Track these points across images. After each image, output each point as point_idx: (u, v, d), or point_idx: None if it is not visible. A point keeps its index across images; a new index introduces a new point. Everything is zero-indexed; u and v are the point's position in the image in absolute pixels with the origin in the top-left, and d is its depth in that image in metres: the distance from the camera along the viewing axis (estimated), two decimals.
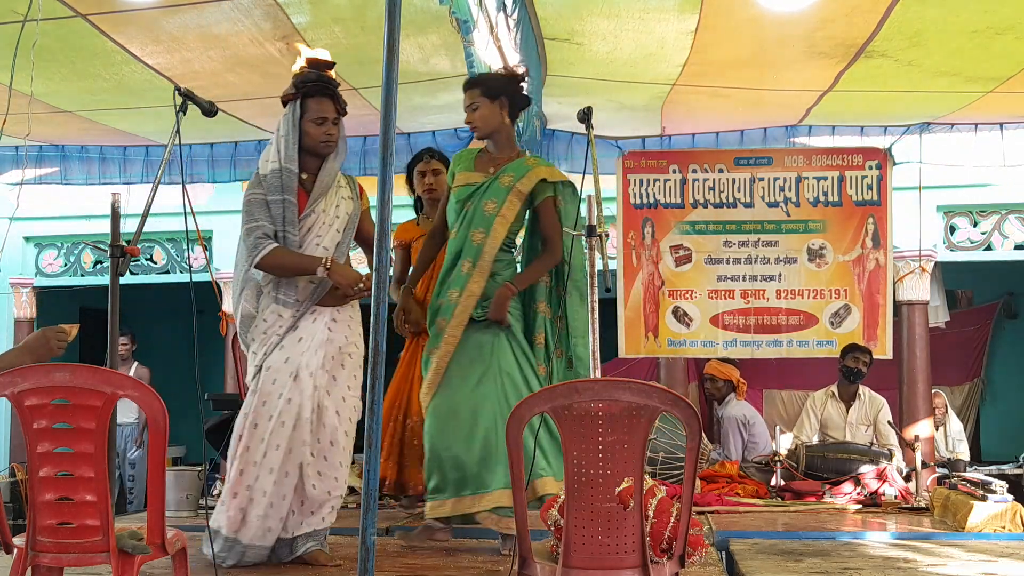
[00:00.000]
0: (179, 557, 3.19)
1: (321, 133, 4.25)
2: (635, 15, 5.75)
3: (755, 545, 4.72)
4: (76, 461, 2.93)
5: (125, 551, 2.93)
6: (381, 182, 3.04)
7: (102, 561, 2.96)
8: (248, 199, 4.28)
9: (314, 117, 4.24)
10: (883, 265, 7.74)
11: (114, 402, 2.92)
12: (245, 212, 4.26)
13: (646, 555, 2.82)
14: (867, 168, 7.80)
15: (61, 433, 2.94)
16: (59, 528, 2.94)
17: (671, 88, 6.91)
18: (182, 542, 3.20)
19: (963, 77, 6.63)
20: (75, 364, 3.01)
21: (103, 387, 2.90)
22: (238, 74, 6.43)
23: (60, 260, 10.17)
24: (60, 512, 2.95)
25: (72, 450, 2.93)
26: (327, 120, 4.25)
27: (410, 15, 5.38)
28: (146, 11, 5.57)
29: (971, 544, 4.86)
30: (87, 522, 2.93)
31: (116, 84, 6.59)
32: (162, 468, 3.02)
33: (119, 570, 2.93)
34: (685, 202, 7.88)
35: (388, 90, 3.01)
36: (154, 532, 3.00)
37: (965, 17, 5.69)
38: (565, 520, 2.85)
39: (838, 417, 7.46)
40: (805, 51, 6.23)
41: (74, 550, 2.95)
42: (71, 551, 2.96)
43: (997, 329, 11.38)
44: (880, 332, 7.76)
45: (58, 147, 8.33)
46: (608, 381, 3.01)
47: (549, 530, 3.06)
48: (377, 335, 2.86)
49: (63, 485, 2.95)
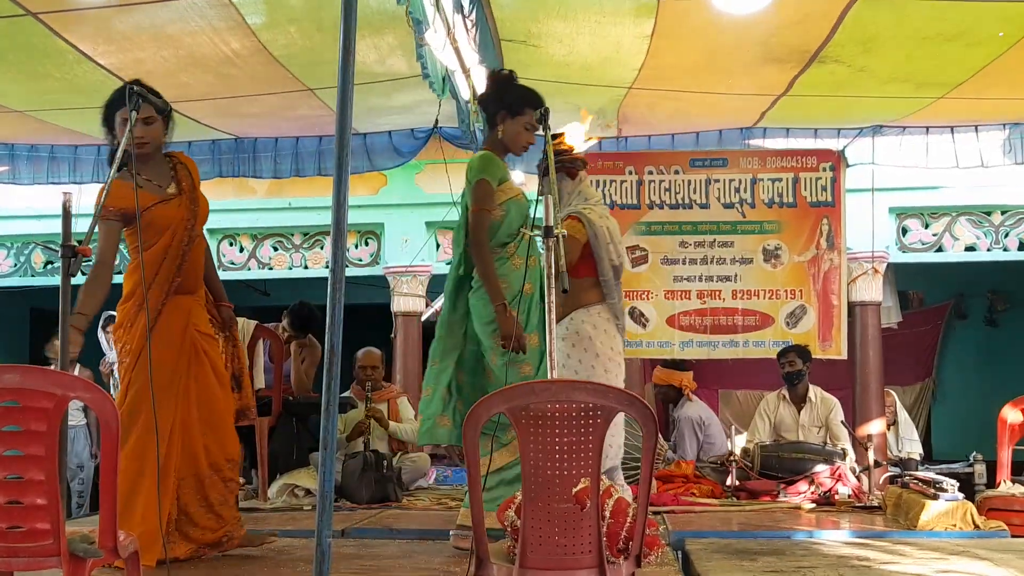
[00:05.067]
0: (131, 561, 3.16)
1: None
2: (591, 19, 5.77)
3: (711, 545, 4.75)
4: (26, 464, 2.88)
5: (76, 555, 2.89)
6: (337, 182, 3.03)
7: (53, 565, 2.91)
8: None
9: None
10: (837, 266, 7.84)
11: (65, 404, 2.88)
12: None
13: (602, 555, 2.83)
14: (821, 170, 7.90)
15: (10, 436, 2.89)
16: (8, 532, 2.90)
17: (627, 91, 6.94)
18: (135, 545, 3.16)
19: (915, 83, 6.73)
20: (25, 366, 2.96)
21: (54, 389, 2.86)
22: (192, 74, 6.37)
23: (10, 260, 10.00)
24: (10, 516, 2.90)
25: (22, 452, 2.88)
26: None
27: (366, 16, 5.36)
28: (98, 10, 5.49)
29: (923, 542, 4.92)
30: (37, 525, 2.88)
31: (68, 84, 6.49)
32: (115, 470, 2.98)
33: (70, 574, 2.89)
34: (641, 203, 7.93)
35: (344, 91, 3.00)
36: (106, 535, 2.96)
37: (916, 24, 5.77)
38: (522, 520, 2.85)
39: (790, 419, 7.52)
40: (760, 56, 6.29)
41: (24, 554, 2.90)
42: (21, 555, 2.91)
43: (948, 329, 11.55)
44: (835, 332, 7.86)
45: (7, 146, 8.20)
46: (565, 382, 3.02)
47: (505, 530, 3.06)
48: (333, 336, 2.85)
49: (12, 488, 2.90)
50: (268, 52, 6.02)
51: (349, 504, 6.33)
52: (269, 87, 6.62)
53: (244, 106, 7.13)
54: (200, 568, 4.21)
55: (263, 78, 6.40)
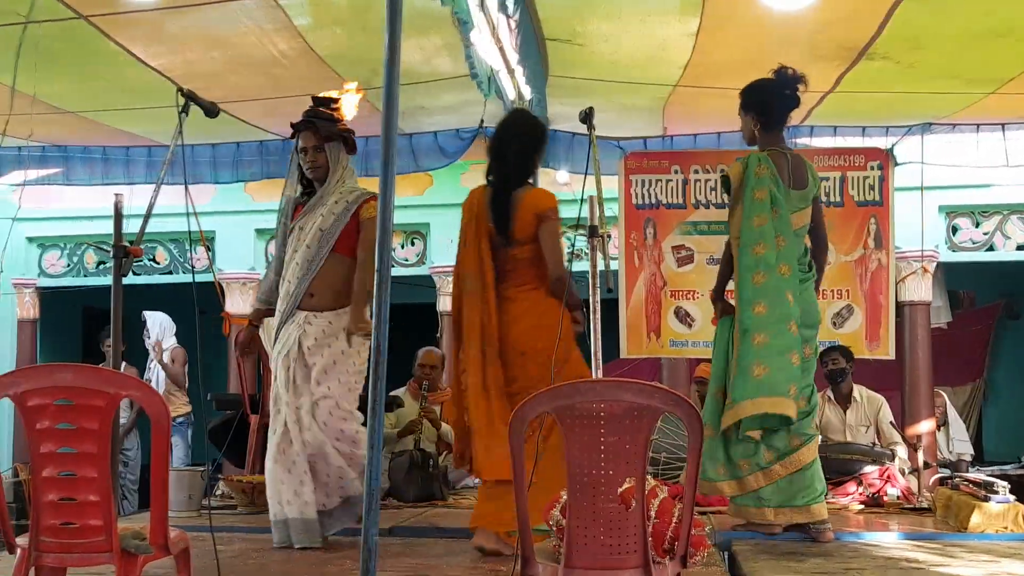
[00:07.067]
0: (182, 557, 3.20)
1: (304, 161, 4.83)
2: (636, 17, 5.76)
3: (757, 545, 4.71)
4: (79, 461, 2.93)
5: (128, 551, 2.94)
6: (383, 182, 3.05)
7: (105, 561, 2.96)
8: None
9: (299, 149, 4.86)
10: (885, 266, 7.73)
11: (117, 402, 2.93)
12: None
13: (648, 555, 2.83)
14: (869, 168, 7.79)
15: (64, 433, 2.94)
16: (62, 528, 2.95)
17: (673, 89, 6.92)
18: (185, 542, 3.20)
19: (964, 79, 6.64)
20: (78, 364, 3.01)
21: (106, 387, 2.90)
22: (240, 75, 6.45)
23: (63, 261, 10.18)
24: (63, 512, 2.95)
25: (75, 450, 2.93)
26: (308, 149, 4.81)
27: (411, 16, 5.38)
28: (148, 12, 5.57)
29: (974, 544, 4.85)
30: (90, 522, 2.93)
31: (119, 85, 6.60)
32: (165, 468, 3.02)
33: (122, 570, 2.93)
34: (687, 202, 7.88)
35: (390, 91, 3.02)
36: (157, 532, 3.01)
37: (965, 20, 5.70)
38: (567, 520, 2.85)
39: (836, 420, 7.44)
40: (807, 53, 6.24)
41: (77, 550, 2.95)
42: (74, 551, 2.96)
43: (999, 330, 11.36)
44: (883, 332, 7.75)
45: (61, 148, 8.35)
46: (610, 381, 3.01)
47: (551, 530, 3.06)
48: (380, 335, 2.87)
49: (66, 485, 2.95)
50: (315, 53, 6.08)
51: (396, 502, 6.37)
52: (316, 87, 6.65)
53: (292, 106, 7.18)
54: (249, 564, 4.26)
55: (310, 78, 6.45)
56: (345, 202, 4.79)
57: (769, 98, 5.02)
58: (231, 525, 5.24)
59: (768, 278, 4.76)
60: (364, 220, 4.74)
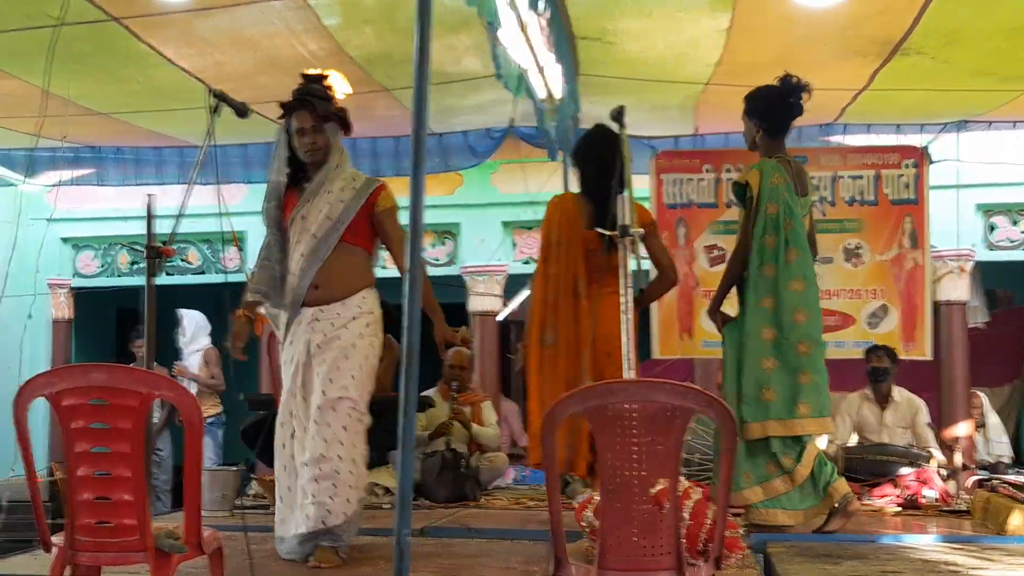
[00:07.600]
0: (215, 557, 3.21)
1: (302, 144, 4.45)
2: (667, 15, 5.73)
3: (793, 547, 4.67)
4: (113, 461, 2.94)
5: (162, 550, 2.95)
6: (413, 182, 3.04)
7: (139, 560, 2.97)
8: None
9: (295, 130, 4.47)
10: (921, 265, 7.65)
11: (150, 402, 2.94)
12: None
13: (682, 557, 2.80)
14: (903, 167, 7.72)
15: (98, 433, 2.95)
16: (97, 527, 2.96)
17: (704, 87, 6.87)
18: (218, 542, 3.21)
19: (1000, 76, 6.55)
20: (111, 364, 3.03)
21: (139, 387, 2.91)
22: (270, 76, 6.46)
23: (97, 261, 10.26)
24: (98, 511, 2.96)
25: (109, 450, 2.94)
26: (305, 130, 4.44)
27: (441, 16, 5.37)
28: (178, 14, 5.60)
29: (1012, 548, 4.79)
30: (124, 521, 2.94)
31: (150, 86, 6.63)
32: (198, 468, 3.03)
33: (156, 569, 2.94)
34: (719, 202, 7.83)
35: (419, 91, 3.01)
36: (190, 531, 3.01)
37: (1002, 15, 5.63)
38: (600, 522, 2.83)
39: (873, 419, 7.38)
40: (840, 49, 6.18)
41: (112, 549, 2.97)
42: (109, 550, 2.97)
43: None
44: (919, 333, 7.67)
45: (94, 149, 8.41)
46: (643, 382, 3.00)
47: (584, 531, 3.04)
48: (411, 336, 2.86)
49: (100, 485, 2.96)
50: (345, 53, 6.08)
51: (428, 503, 6.36)
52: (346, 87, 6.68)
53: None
54: (281, 563, 4.26)
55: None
56: (353, 189, 4.46)
57: (772, 105, 5.13)
58: (264, 524, 5.24)
59: (776, 300, 5.07)
60: (380, 212, 4.49)
